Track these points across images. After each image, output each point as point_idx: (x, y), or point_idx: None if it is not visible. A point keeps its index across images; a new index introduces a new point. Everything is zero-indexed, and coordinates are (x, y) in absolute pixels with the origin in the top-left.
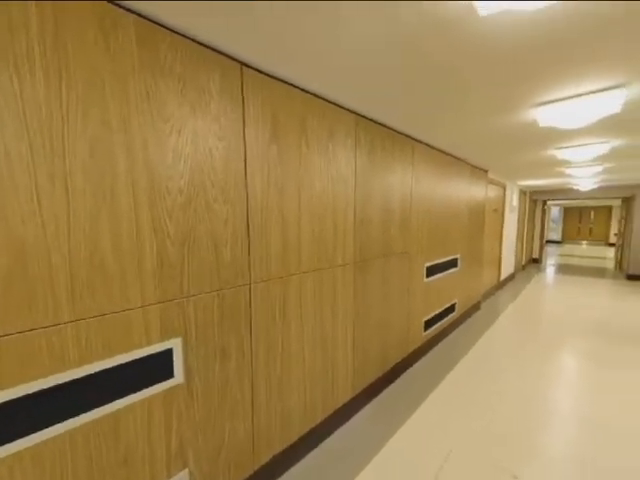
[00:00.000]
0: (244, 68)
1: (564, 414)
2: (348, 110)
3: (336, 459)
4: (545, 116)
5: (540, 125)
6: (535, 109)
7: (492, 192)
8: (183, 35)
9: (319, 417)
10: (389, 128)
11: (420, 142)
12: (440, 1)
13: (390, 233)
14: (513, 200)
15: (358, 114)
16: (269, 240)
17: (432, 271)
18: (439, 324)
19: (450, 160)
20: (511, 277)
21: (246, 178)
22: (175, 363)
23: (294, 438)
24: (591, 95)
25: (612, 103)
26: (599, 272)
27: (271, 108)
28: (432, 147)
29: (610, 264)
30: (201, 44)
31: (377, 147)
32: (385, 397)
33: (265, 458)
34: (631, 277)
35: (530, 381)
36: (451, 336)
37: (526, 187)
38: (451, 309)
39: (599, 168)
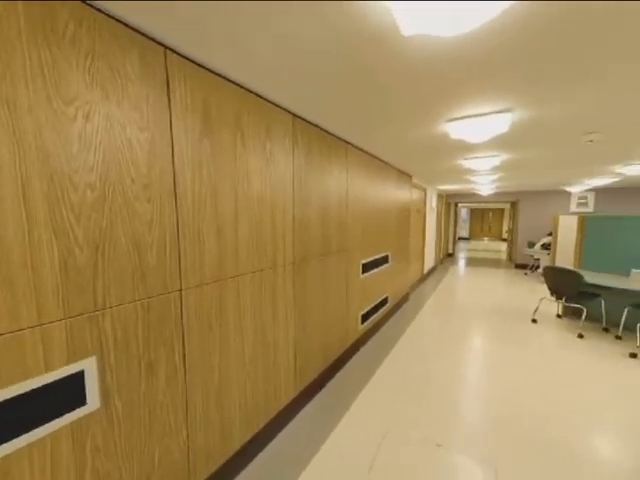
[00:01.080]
0: (169, 53)
1: (476, 385)
2: (285, 110)
3: (278, 464)
4: (455, 130)
5: (452, 137)
6: (448, 124)
7: (415, 195)
8: (89, 5)
9: (262, 422)
10: (325, 130)
11: (353, 146)
12: (367, 14)
13: (328, 232)
14: (433, 202)
15: (295, 114)
16: (203, 242)
17: (367, 268)
18: (374, 317)
19: (380, 164)
20: (432, 270)
21: (175, 174)
22: (88, 387)
23: (236, 447)
24: (487, 116)
25: (501, 124)
26: (496, 263)
27: (202, 100)
28: (364, 151)
29: (503, 256)
30: (112, 18)
31: (314, 148)
32: (326, 393)
33: (204, 474)
34: (518, 266)
35: (449, 360)
36: (385, 326)
37: (443, 191)
38: (384, 302)
39: (494, 177)
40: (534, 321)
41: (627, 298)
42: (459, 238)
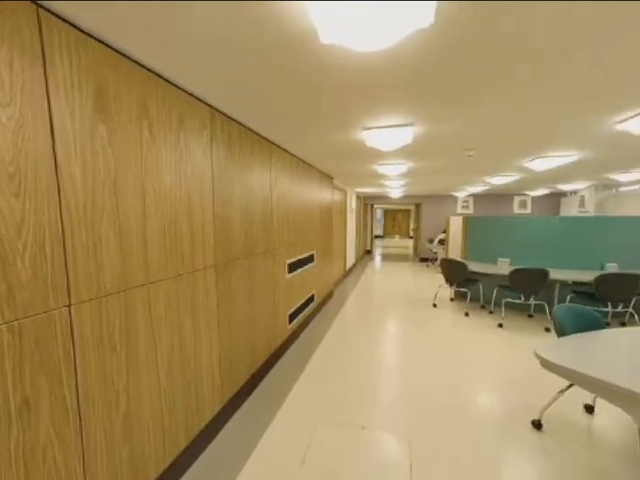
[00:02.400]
0: (44, 13)
1: (392, 366)
2: (202, 102)
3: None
4: (370, 138)
5: (367, 145)
6: (364, 132)
7: (337, 196)
8: None
9: (182, 444)
10: (248, 128)
11: (278, 146)
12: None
13: (253, 233)
14: (352, 203)
15: (214, 108)
16: (100, 246)
17: (293, 267)
18: (302, 315)
19: (304, 166)
20: (353, 266)
21: (57, 164)
22: None
23: (152, 478)
24: (396, 128)
25: (407, 136)
26: (405, 257)
27: (95, 77)
28: (289, 152)
29: (411, 251)
30: None
31: (235, 145)
32: (256, 397)
33: None
34: (422, 259)
35: (369, 346)
36: (312, 323)
37: (361, 193)
38: (311, 299)
39: (402, 182)
40: (434, 305)
41: (496, 281)
42: (375, 236)
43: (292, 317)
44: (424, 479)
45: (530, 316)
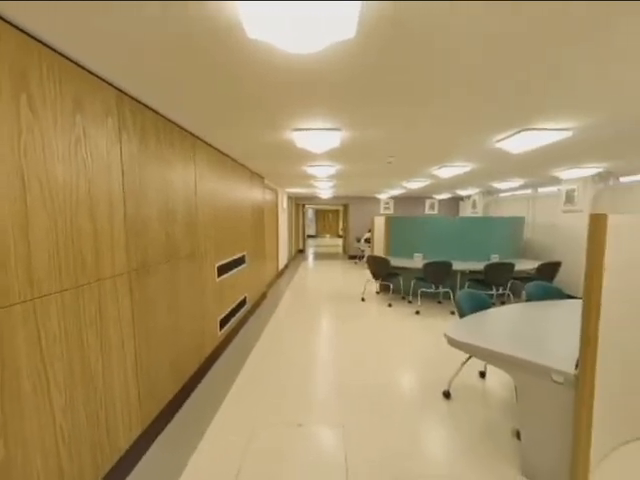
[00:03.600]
0: None
1: (325, 361)
2: (106, 82)
3: None
4: (300, 139)
5: (298, 146)
6: (294, 132)
7: (268, 196)
8: None
9: None
10: (167, 119)
11: (203, 141)
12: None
13: (175, 234)
14: (284, 203)
15: (122, 91)
16: None
17: (223, 270)
18: (234, 319)
19: (233, 164)
20: (286, 266)
21: None
22: None
23: None
24: (323, 131)
25: (334, 139)
26: (335, 256)
27: None
28: (216, 148)
29: (340, 249)
30: None
31: (151, 136)
32: (185, 412)
33: None
34: (351, 257)
35: (303, 343)
36: (246, 327)
37: (292, 193)
38: (243, 303)
39: (331, 183)
40: (363, 299)
41: (413, 274)
42: (308, 236)
43: (223, 323)
44: (358, 463)
45: (439, 302)
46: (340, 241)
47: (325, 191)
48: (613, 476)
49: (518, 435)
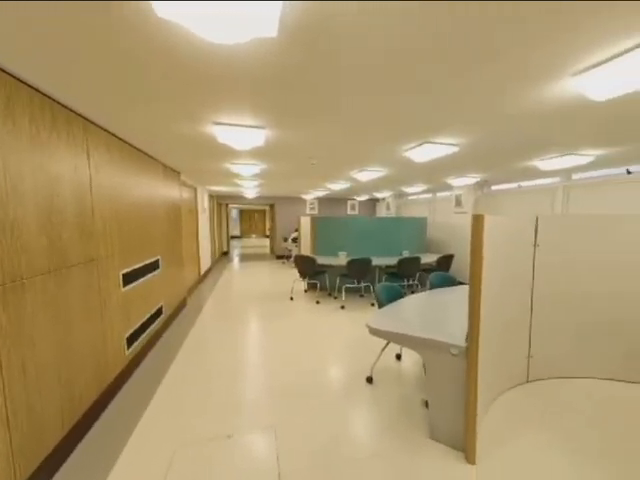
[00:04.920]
0: None
1: (255, 365)
2: None
3: None
4: (222, 134)
5: (219, 141)
6: (215, 126)
7: (186, 194)
8: None
9: None
10: (46, 96)
11: (101, 128)
12: None
13: (63, 239)
14: (205, 202)
15: None
16: None
17: (131, 278)
18: (146, 333)
19: (142, 156)
20: (209, 270)
21: None
22: None
23: None
24: (247, 128)
25: (259, 137)
26: (263, 256)
27: None
28: (119, 138)
29: (267, 250)
30: None
31: (22, 115)
32: (85, 447)
33: None
34: (278, 257)
35: (230, 350)
36: (162, 339)
37: (213, 192)
38: (158, 313)
39: (256, 182)
40: (291, 298)
41: (338, 271)
42: (232, 237)
43: (132, 339)
44: (291, 461)
45: (362, 296)
46: (267, 241)
47: (250, 190)
48: (494, 422)
49: (427, 404)
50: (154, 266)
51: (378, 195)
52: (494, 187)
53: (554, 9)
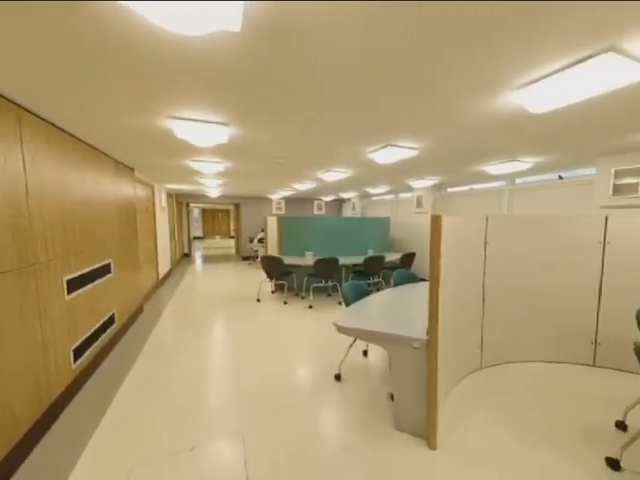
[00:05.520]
0: None
1: (220, 370)
2: None
3: None
4: (180, 129)
5: (177, 136)
6: (173, 121)
7: (141, 192)
8: None
9: None
10: None
11: (39, 117)
12: None
13: None
14: (163, 201)
15: None
16: None
17: (77, 284)
18: (96, 345)
19: (91, 151)
20: (169, 273)
21: None
22: None
23: None
24: (209, 124)
25: (222, 134)
26: (227, 257)
27: None
28: (63, 130)
29: (233, 251)
30: None
31: None
32: (25, 473)
33: None
34: (244, 258)
35: (197, 354)
36: (117, 349)
37: (172, 190)
38: (110, 322)
39: (220, 181)
40: (258, 300)
41: (305, 271)
42: (194, 237)
43: (80, 351)
44: (259, 467)
45: (329, 295)
46: (232, 242)
47: (214, 189)
48: (452, 409)
49: (392, 397)
50: (105, 270)
51: (344, 196)
52: (450, 189)
53: (494, 35)
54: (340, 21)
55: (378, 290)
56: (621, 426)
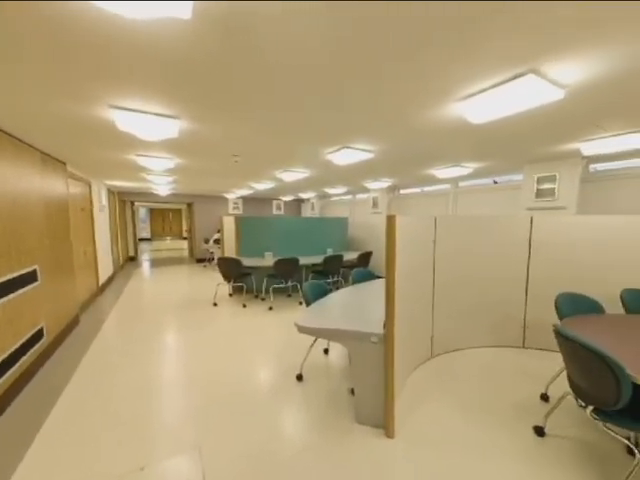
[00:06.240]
0: None
1: (173, 383)
2: None
3: None
4: (122, 121)
5: (119, 128)
6: (112, 110)
7: (76, 189)
8: None
9: None
10: None
11: None
12: None
13: None
14: (102, 199)
15: None
16: None
17: None
18: (18, 365)
19: (10, 141)
20: (111, 279)
21: None
22: None
23: None
24: (156, 116)
25: (171, 128)
26: (180, 260)
27: None
28: None
29: (186, 253)
30: None
31: None
32: None
33: None
34: (199, 260)
35: (147, 366)
36: (47, 366)
37: (114, 187)
38: (37, 337)
39: (170, 178)
40: (215, 304)
41: (265, 272)
42: (140, 239)
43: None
44: (219, 477)
45: (289, 295)
46: (185, 243)
47: (163, 187)
48: (407, 397)
49: (352, 392)
50: (29, 278)
51: (303, 196)
52: (403, 191)
53: (439, 51)
54: (295, 22)
55: (338, 289)
56: (544, 398)
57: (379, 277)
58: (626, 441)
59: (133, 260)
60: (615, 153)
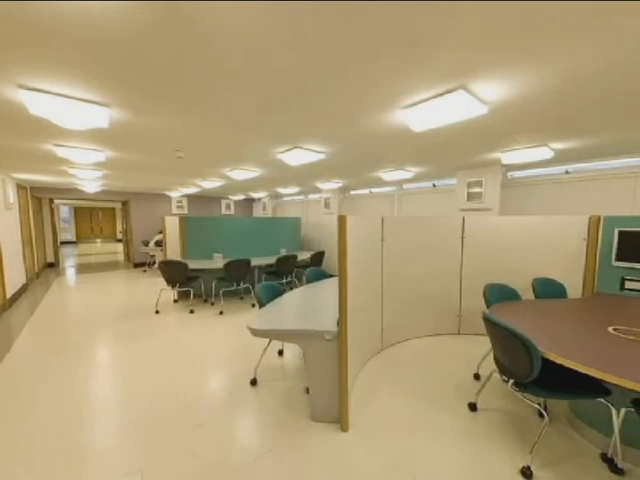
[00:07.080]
0: None
1: (110, 404)
2: None
3: None
4: (35, 105)
5: (31, 112)
6: (22, 91)
7: None
8: None
9: None
10: None
11: None
12: None
13: None
14: (9, 196)
15: None
16: None
17: None
18: None
19: None
20: (23, 289)
21: None
22: None
23: None
24: (79, 101)
25: (99, 117)
26: (114, 265)
27: None
28: None
29: (121, 257)
30: None
31: None
32: None
33: None
34: (137, 264)
35: (71, 391)
36: None
37: (25, 182)
38: None
39: (99, 173)
40: (157, 312)
41: (213, 274)
42: (62, 242)
43: None
44: None
45: (241, 298)
46: (119, 246)
47: (91, 183)
48: (359, 390)
49: (308, 391)
50: None
51: (255, 195)
52: (353, 192)
53: (384, 62)
54: (244, 12)
55: (291, 289)
56: (476, 377)
57: (332, 276)
58: (537, 406)
59: (53, 266)
60: (527, 163)
